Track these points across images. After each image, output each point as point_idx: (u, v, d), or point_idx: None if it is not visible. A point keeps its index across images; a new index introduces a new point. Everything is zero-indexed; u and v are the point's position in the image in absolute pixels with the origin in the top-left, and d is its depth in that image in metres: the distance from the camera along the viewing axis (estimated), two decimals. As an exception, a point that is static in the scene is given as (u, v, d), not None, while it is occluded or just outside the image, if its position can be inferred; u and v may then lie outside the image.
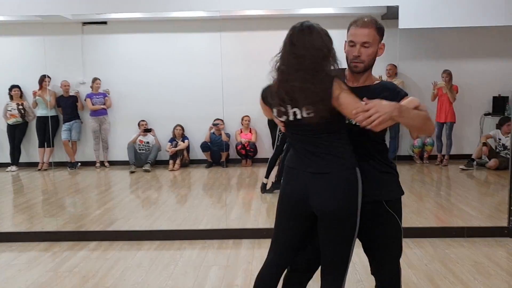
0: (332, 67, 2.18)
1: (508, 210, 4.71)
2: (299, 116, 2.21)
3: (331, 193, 2.20)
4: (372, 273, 2.50)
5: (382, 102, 2.05)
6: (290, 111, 2.23)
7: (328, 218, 2.24)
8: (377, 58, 2.36)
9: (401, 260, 4.09)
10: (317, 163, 2.23)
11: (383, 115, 2.00)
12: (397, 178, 2.43)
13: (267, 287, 2.47)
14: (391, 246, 2.42)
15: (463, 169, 7.81)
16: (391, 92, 2.27)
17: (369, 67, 2.32)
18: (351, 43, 2.29)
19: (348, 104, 2.12)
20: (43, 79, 7.93)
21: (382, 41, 2.30)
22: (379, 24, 2.28)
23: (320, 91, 2.12)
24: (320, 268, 2.41)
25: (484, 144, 7.80)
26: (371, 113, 2.00)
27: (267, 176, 6.48)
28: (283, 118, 2.28)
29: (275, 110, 2.31)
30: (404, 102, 2.19)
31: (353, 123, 2.21)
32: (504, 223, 4.77)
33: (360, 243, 2.46)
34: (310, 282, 2.58)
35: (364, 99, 2.09)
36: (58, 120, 8.30)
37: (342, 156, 2.22)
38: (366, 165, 2.30)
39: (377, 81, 2.37)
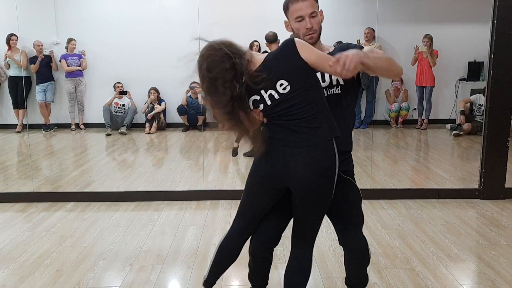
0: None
1: (480, 173, 4.83)
2: (276, 96, 2.13)
3: (311, 169, 2.15)
4: (340, 243, 2.55)
5: (346, 52, 2.07)
6: (265, 95, 2.15)
7: (306, 193, 2.21)
8: (358, 23, 2.41)
9: (375, 220, 4.20)
10: (297, 138, 2.16)
11: (352, 58, 2.02)
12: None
13: (231, 255, 2.50)
14: (352, 211, 2.46)
15: (457, 135, 7.85)
16: (347, 48, 2.28)
17: (319, 35, 2.36)
18: (298, 19, 2.30)
19: (320, 58, 2.11)
20: (10, 38, 7.74)
21: (320, 8, 2.35)
22: None
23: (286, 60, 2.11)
24: (291, 232, 2.42)
25: (462, 112, 7.89)
26: (343, 60, 2.02)
27: (237, 141, 6.52)
28: (261, 107, 2.19)
29: (250, 103, 2.21)
30: (366, 48, 2.26)
31: (328, 89, 2.30)
32: (475, 185, 4.90)
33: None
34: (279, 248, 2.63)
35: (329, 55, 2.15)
36: (30, 81, 8.15)
37: (320, 126, 2.15)
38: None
39: (330, 50, 2.39)
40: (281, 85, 2.11)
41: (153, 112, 8.48)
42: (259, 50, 7.75)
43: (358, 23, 7.88)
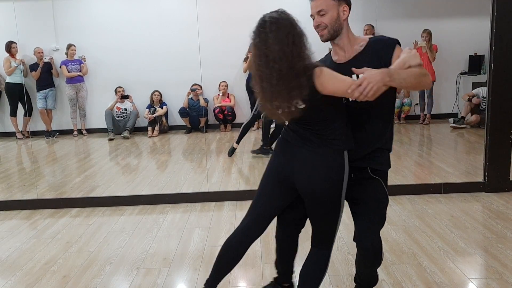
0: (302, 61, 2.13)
1: (484, 166, 4.81)
2: (292, 108, 2.17)
3: (316, 174, 2.22)
4: (354, 240, 2.54)
5: (372, 71, 2.07)
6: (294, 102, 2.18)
7: (310, 197, 2.29)
8: (357, 19, 2.38)
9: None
10: (310, 143, 2.23)
11: (375, 84, 2.04)
12: (389, 154, 2.47)
13: (234, 254, 2.47)
14: (374, 210, 2.43)
15: (455, 127, 7.88)
16: (382, 48, 2.29)
17: (336, 31, 2.32)
18: (312, 17, 2.35)
19: (338, 87, 2.10)
20: (10, 46, 7.73)
21: (344, 3, 2.33)
22: None
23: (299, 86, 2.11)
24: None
25: (470, 99, 7.87)
26: (364, 85, 2.04)
27: (238, 142, 6.53)
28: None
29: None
30: (399, 60, 2.19)
31: (351, 100, 2.27)
32: (480, 178, 4.88)
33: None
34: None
35: (353, 69, 2.15)
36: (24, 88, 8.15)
37: (334, 138, 2.22)
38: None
39: (363, 43, 2.35)
40: (296, 102, 2.14)
41: (154, 115, 8.48)
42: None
43: (357, 20, 7.86)
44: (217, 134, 8.38)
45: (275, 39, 2.09)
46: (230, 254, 2.48)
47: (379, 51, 2.28)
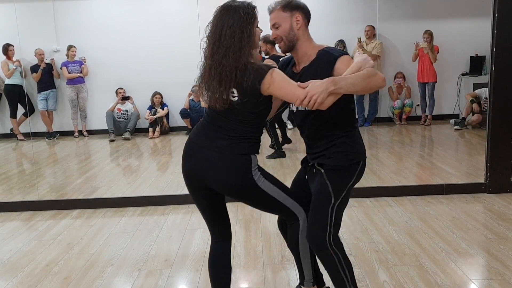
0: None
1: (485, 167, 4.81)
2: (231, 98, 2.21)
3: (223, 173, 2.24)
4: None
5: (315, 83, 2.11)
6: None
7: (226, 193, 2.35)
8: (358, 20, 2.39)
9: (382, 218, 4.19)
10: (219, 142, 2.25)
11: (318, 95, 2.08)
12: (348, 152, 2.38)
13: (221, 263, 2.53)
14: (317, 205, 2.39)
15: (457, 129, 7.88)
16: (325, 61, 2.31)
17: (292, 42, 2.37)
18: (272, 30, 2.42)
19: (286, 93, 2.16)
20: (7, 48, 7.74)
21: (298, 13, 2.34)
22: (284, 2, 2.35)
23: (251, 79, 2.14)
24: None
25: (473, 101, 7.87)
26: (308, 99, 2.09)
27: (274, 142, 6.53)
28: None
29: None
30: (352, 65, 2.22)
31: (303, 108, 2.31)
32: (481, 179, 4.88)
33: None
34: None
35: (298, 84, 2.16)
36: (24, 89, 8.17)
37: (243, 145, 2.24)
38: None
39: (313, 55, 2.37)
40: (232, 92, 2.18)
41: (155, 116, 8.49)
42: (260, 53, 7.74)
43: (358, 21, 7.87)
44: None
45: (231, 25, 2.15)
46: (217, 265, 2.55)
47: (323, 64, 2.30)
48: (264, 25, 2.35)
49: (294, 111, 2.46)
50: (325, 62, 2.30)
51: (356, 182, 2.43)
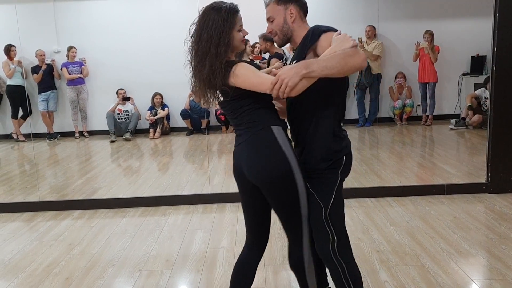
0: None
1: (486, 167, 4.80)
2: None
3: (251, 162, 2.17)
4: None
5: (285, 68, 2.03)
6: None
7: (262, 186, 2.20)
8: (359, 21, 2.36)
9: (383, 218, 4.19)
10: (237, 137, 2.26)
11: (290, 79, 1.98)
12: (326, 151, 2.23)
13: (245, 272, 2.42)
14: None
15: (452, 129, 7.89)
16: (310, 37, 2.22)
17: (287, 35, 2.32)
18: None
19: (253, 83, 2.08)
20: (9, 49, 7.74)
21: (292, 5, 2.27)
22: None
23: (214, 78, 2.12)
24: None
25: (470, 107, 7.88)
26: (279, 83, 1.99)
27: None
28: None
29: None
30: (330, 47, 2.09)
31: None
32: (482, 179, 4.87)
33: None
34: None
35: (272, 70, 2.12)
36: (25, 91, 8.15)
37: (251, 121, 2.17)
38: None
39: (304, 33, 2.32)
40: (218, 93, 2.17)
41: (156, 117, 8.48)
42: (260, 53, 7.75)
43: (359, 21, 7.86)
44: (219, 135, 8.38)
45: (209, 28, 2.13)
46: (241, 273, 2.43)
47: (308, 40, 2.22)
48: (258, 25, 2.34)
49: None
50: (310, 38, 2.22)
51: (343, 179, 2.28)
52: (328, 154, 2.21)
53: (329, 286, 2.74)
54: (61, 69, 8.40)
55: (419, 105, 8.57)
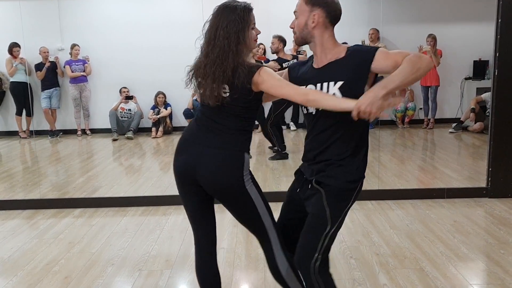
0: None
1: (487, 171, 4.80)
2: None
3: (216, 169, 2.19)
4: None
5: (362, 98, 1.96)
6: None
7: (213, 192, 2.28)
8: (363, 24, 2.31)
9: (383, 221, 4.19)
10: (212, 139, 2.22)
11: (372, 106, 1.93)
12: (352, 173, 2.20)
13: (208, 277, 2.43)
14: (308, 226, 2.23)
15: (451, 132, 7.91)
16: (360, 55, 2.14)
17: (304, 38, 2.23)
18: None
19: (275, 88, 2.14)
20: (12, 49, 7.77)
21: (319, 10, 2.14)
22: None
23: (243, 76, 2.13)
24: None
25: (473, 110, 7.88)
26: (367, 114, 1.94)
27: (273, 145, 6.58)
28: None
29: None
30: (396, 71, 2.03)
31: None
32: (483, 184, 4.87)
33: None
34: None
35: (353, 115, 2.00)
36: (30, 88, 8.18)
37: (236, 139, 2.21)
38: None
39: (342, 52, 2.18)
40: (224, 88, 2.17)
41: (158, 116, 8.50)
42: (264, 53, 7.76)
43: (362, 24, 7.87)
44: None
45: (225, 26, 2.14)
46: (206, 277, 2.44)
47: (359, 64, 2.11)
48: (268, 24, 2.33)
49: (305, 113, 2.28)
50: (360, 55, 2.13)
51: (351, 206, 2.27)
52: (355, 176, 2.20)
53: None
54: (64, 67, 8.43)
55: (421, 108, 8.58)
